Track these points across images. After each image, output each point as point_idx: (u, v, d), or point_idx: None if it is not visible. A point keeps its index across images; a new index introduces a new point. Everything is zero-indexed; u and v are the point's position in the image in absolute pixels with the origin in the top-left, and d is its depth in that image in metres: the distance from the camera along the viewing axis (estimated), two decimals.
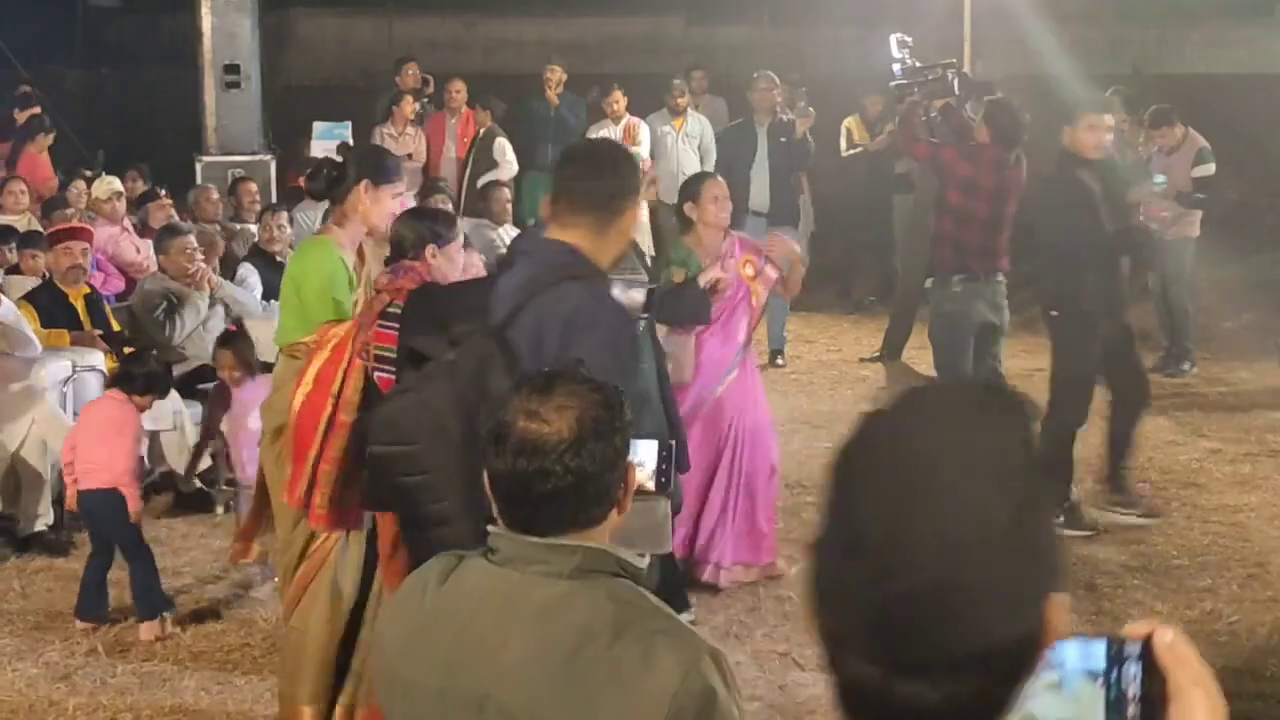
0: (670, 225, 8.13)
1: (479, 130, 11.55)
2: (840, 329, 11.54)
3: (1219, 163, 9.79)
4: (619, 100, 11.38)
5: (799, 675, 5.31)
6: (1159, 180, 9.60)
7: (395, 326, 4.05)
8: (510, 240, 8.22)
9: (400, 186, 5.00)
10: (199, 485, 7.29)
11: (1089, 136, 6.79)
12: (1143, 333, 8.69)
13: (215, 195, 9.80)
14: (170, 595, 5.96)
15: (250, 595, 6.13)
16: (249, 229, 9.50)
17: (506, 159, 11.43)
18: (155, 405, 6.34)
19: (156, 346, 7.26)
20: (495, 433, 2.19)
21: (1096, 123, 6.83)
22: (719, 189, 6.26)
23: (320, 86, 16.54)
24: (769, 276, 6.26)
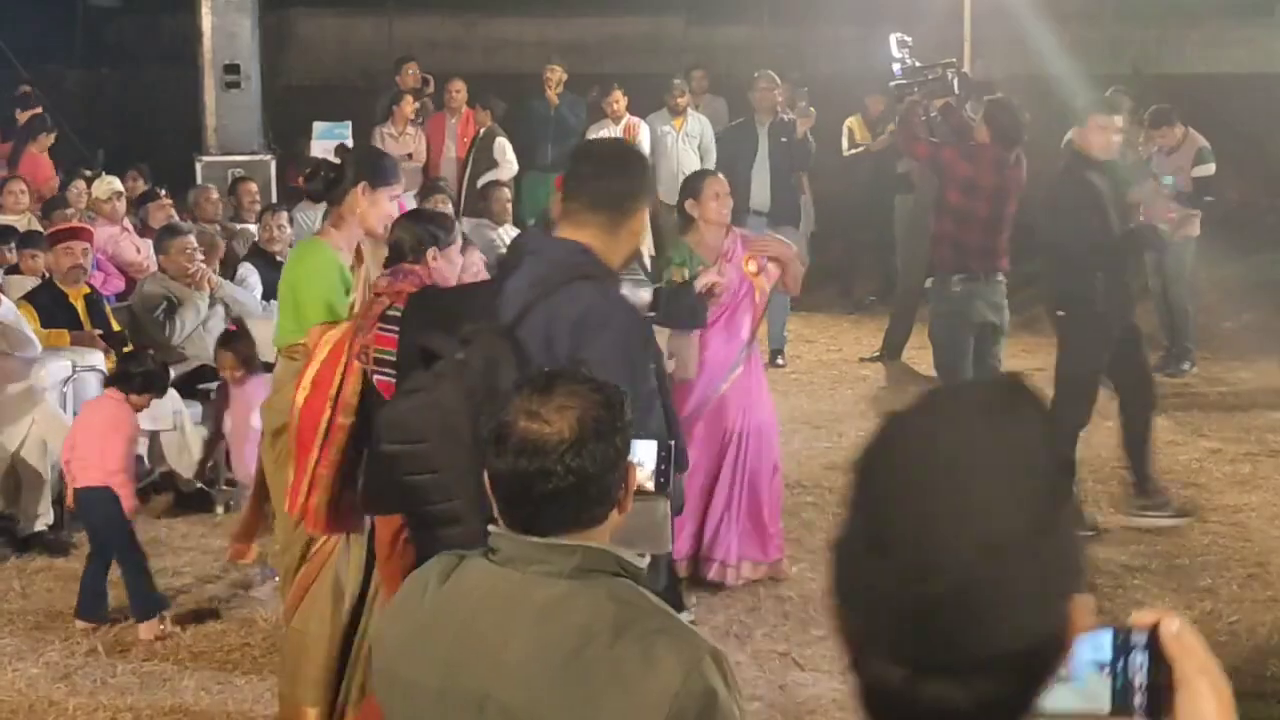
0: (671, 225, 8.13)
1: (479, 130, 11.54)
2: (840, 329, 11.54)
3: (1219, 163, 9.78)
4: (619, 100, 11.37)
5: (799, 675, 5.31)
6: (1168, 181, 9.60)
7: (395, 330, 4.05)
8: (511, 240, 8.22)
9: (398, 189, 5.00)
10: (199, 485, 7.29)
11: (1098, 137, 6.79)
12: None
13: (215, 195, 9.79)
14: (166, 595, 5.95)
15: (250, 595, 6.13)
16: (249, 229, 9.50)
17: (506, 159, 11.42)
18: (156, 405, 6.34)
19: (156, 347, 7.25)
20: (496, 433, 2.18)
21: (1105, 124, 6.82)
22: (720, 186, 6.26)
23: (320, 86, 16.53)
24: (772, 272, 6.26)
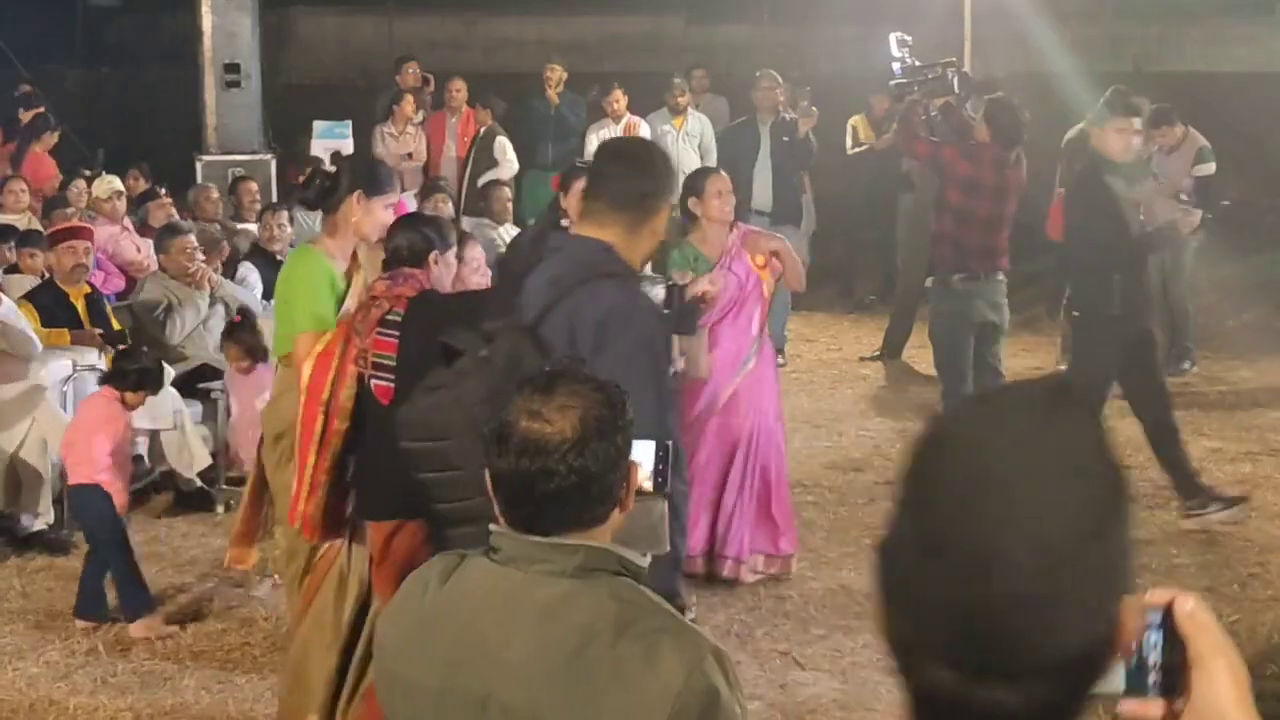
0: (671, 224, 8.11)
1: (479, 129, 11.53)
2: (841, 328, 11.54)
3: (1219, 162, 9.77)
4: (619, 99, 11.36)
5: (799, 675, 5.31)
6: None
7: (394, 334, 4.05)
8: (511, 239, 8.21)
9: (393, 197, 5.00)
10: (199, 484, 7.28)
11: (1117, 140, 6.74)
12: None
13: (215, 194, 9.80)
14: (154, 596, 5.90)
15: (250, 595, 6.13)
16: (249, 228, 9.50)
17: (507, 158, 11.41)
18: (156, 404, 6.33)
19: (157, 346, 7.25)
20: (498, 433, 2.18)
21: (1125, 126, 6.76)
22: (723, 184, 6.27)
23: (320, 85, 16.51)
24: (776, 266, 6.27)
